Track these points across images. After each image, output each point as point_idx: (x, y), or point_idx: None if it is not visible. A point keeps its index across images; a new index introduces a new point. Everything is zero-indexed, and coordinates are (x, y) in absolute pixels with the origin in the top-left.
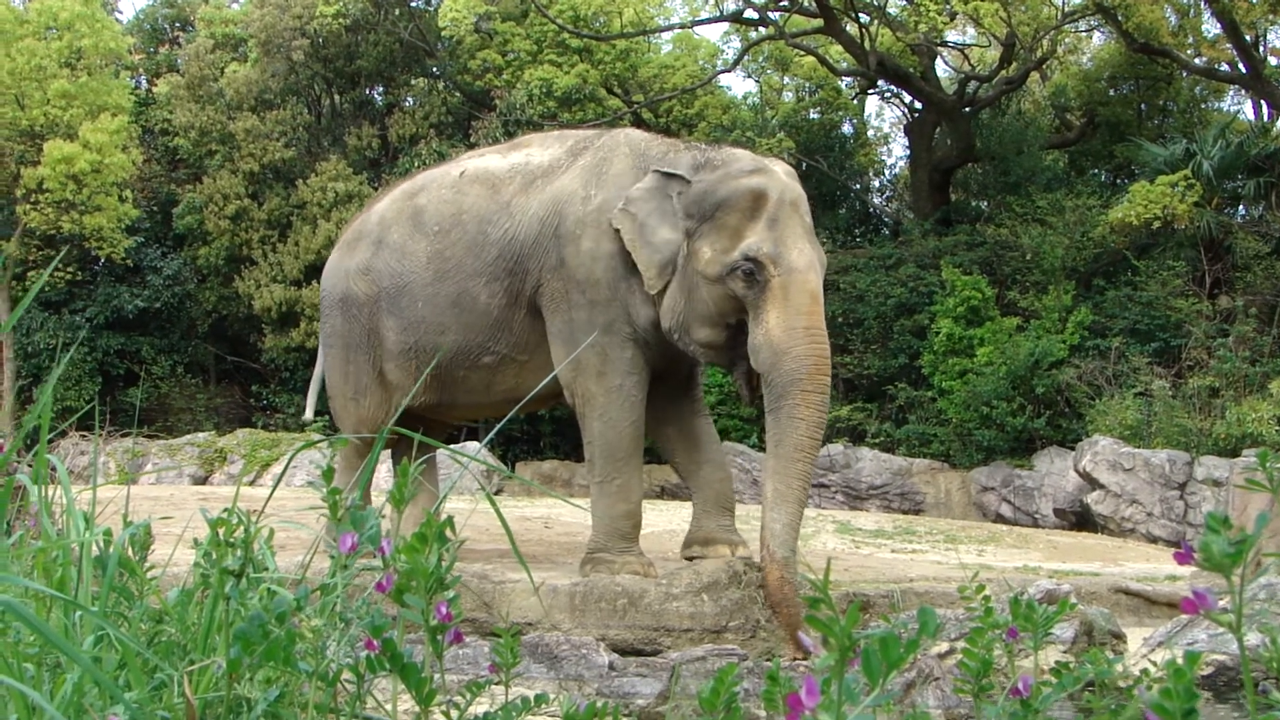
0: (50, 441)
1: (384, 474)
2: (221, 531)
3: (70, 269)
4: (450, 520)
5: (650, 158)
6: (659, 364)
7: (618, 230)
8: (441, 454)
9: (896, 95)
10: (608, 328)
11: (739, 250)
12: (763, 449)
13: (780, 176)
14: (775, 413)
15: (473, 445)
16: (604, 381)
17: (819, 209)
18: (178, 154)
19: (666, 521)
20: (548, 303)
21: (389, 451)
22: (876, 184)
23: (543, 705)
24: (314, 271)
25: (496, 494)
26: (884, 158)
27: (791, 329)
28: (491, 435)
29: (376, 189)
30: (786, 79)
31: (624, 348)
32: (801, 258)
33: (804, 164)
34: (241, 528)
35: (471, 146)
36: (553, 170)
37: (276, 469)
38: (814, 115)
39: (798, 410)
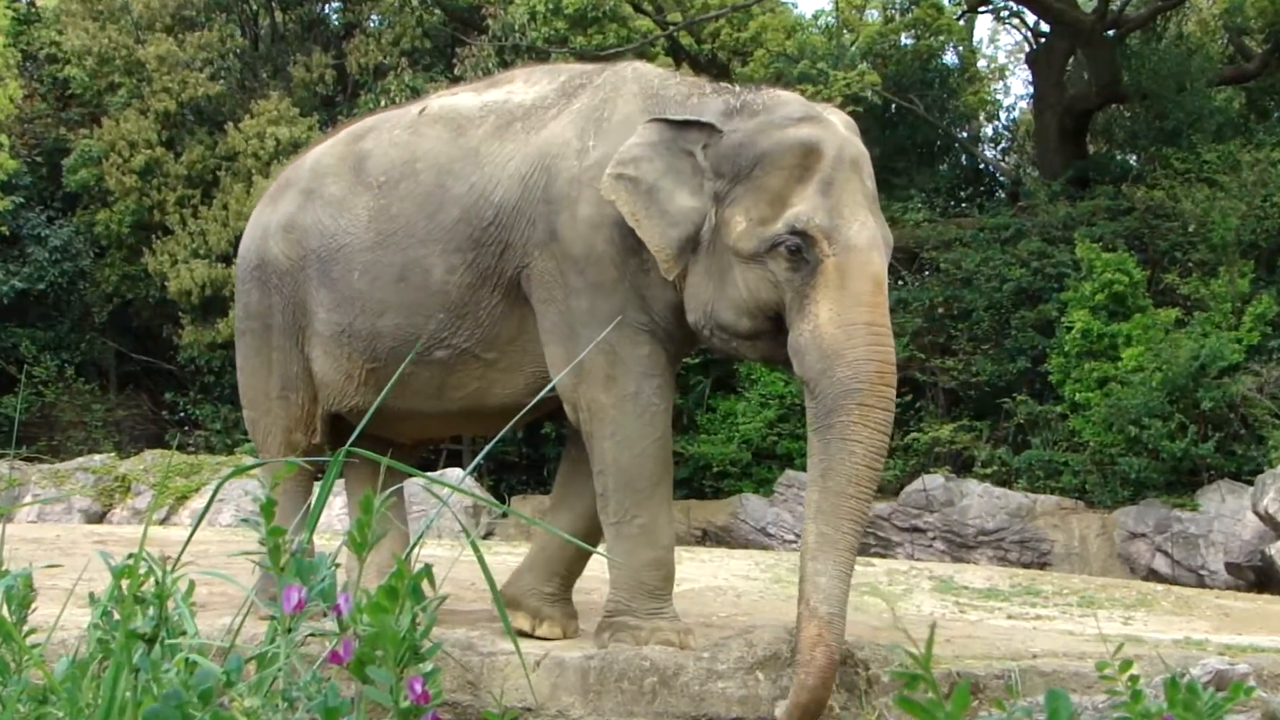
0: None
1: (337, 509)
2: (127, 584)
3: None
4: (428, 570)
5: (666, 100)
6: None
7: (614, 201)
8: (415, 485)
9: (1016, 15)
10: (615, 317)
11: (783, 221)
12: None
13: (838, 128)
14: (823, 433)
15: (454, 473)
16: (614, 389)
17: (912, 163)
18: (69, 88)
19: (710, 574)
20: (537, 289)
21: (329, 481)
22: (989, 131)
23: None
24: None
25: (486, 537)
26: (999, 97)
27: (848, 325)
28: (479, 459)
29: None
30: None
31: (638, 343)
32: (863, 233)
33: (893, 105)
34: (153, 579)
35: (456, 80)
36: (537, 112)
37: (197, 503)
38: (907, 41)
39: (852, 431)
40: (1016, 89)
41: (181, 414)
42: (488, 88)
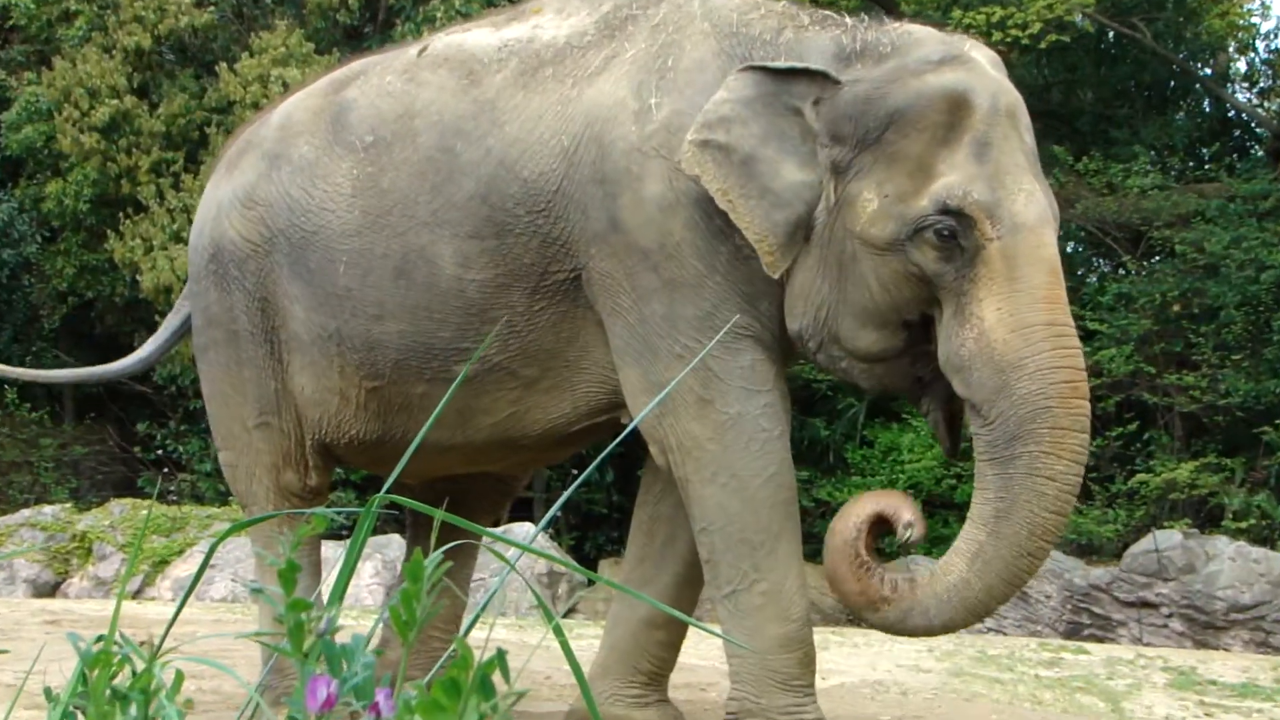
0: None
1: (366, 577)
2: (97, 676)
3: None
4: (500, 657)
5: (750, 40)
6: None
7: (699, 176)
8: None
9: None
10: (705, 323)
11: (930, 196)
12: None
13: (987, 71)
14: (1003, 465)
15: (523, 528)
16: (710, 415)
17: (1137, 111)
18: (9, 18)
19: (866, 664)
20: (601, 298)
21: (359, 538)
22: (1242, 67)
23: None
24: None
25: (568, 614)
26: (1255, 20)
27: (1025, 328)
28: (555, 510)
29: None
30: None
31: (737, 352)
32: (1031, 206)
33: (1110, 34)
34: (130, 670)
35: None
36: (573, 55)
37: (182, 570)
38: None
39: (1043, 464)
40: None
41: (159, 451)
42: (509, 21)
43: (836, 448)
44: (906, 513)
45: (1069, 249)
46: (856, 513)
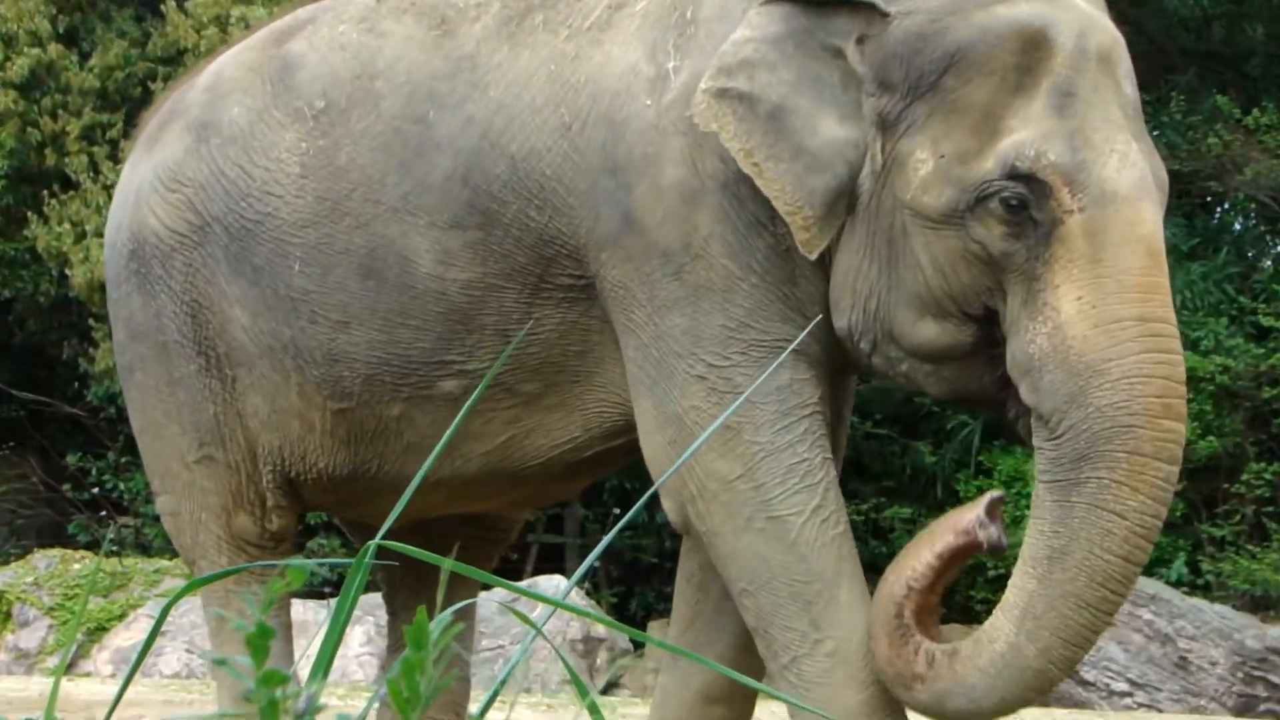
0: None
1: (355, 646)
2: None
3: None
4: None
5: None
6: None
7: (717, 132)
8: (486, 603)
9: None
10: (736, 336)
11: (996, 157)
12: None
13: (1075, 1)
14: (1063, 491)
15: (550, 581)
16: (738, 446)
17: None
18: None
19: None
20: (615, 310)
21: (348, 596)
22: None
23: None
24: None
25: (608, 690)
26: None
27: (1110, 323)
28: (593, 559)
29: None
30: None
31: (774, 371)
32: (1126, 171)
33: None
34: None
35: None
36: (563, 4)
37: (125, 639)
38: None
39: (1113, 494)
40: None
41: (94, 490)
42: None
43: (946, 477)
44: (971, 515)
45: (1237, 226)
46: (913, 561)
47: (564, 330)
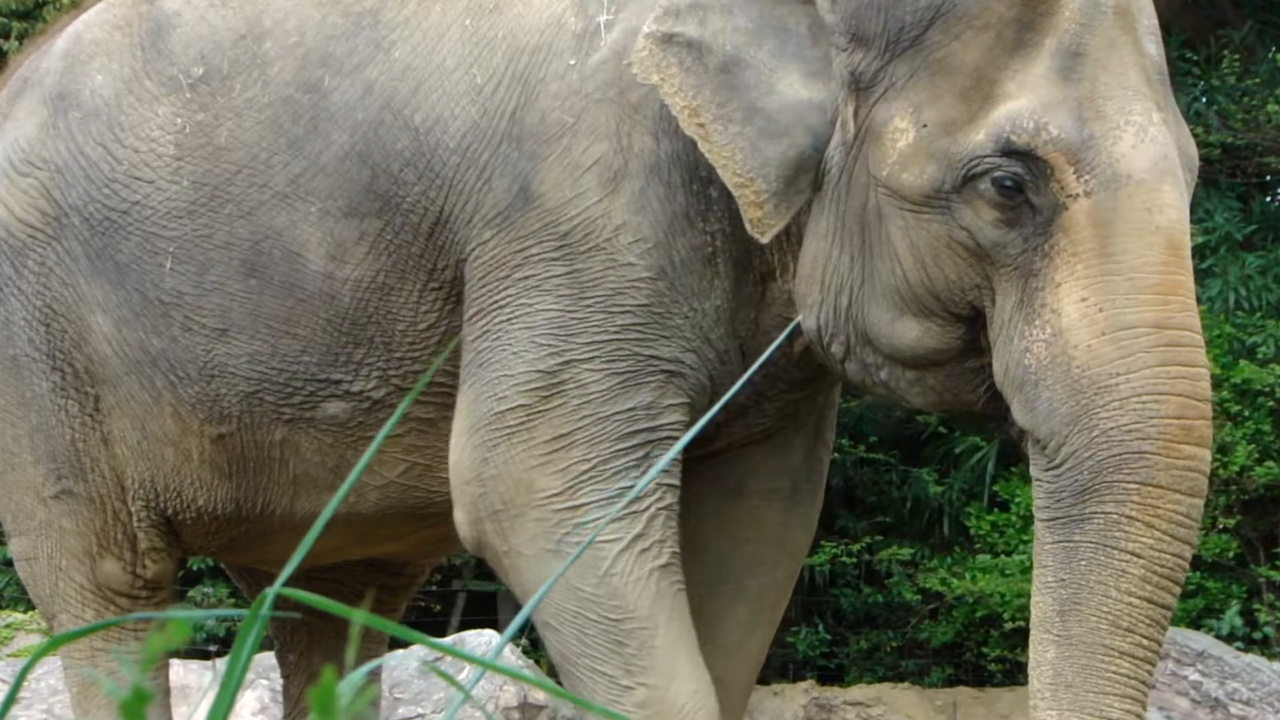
0: None
1: (249, 711)
2: None
3: None
4: None
5: None
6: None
7: (655, 85)
8: (404, 664)
9: None
10: (613, 339)
11: (988, 128)
12: None
13: None
14: (1065, 530)
15: (479, 637)
16: (560, 461)
17: None
18: None
19: None
20: (477, 285)
21: (241, 655)
22: None
23: None
24: None
25: None
26: None
27: (1120, 330)
28: (528, 611)
29: None
30: None
31: (635, 387)
32: (1144, 148)
33: None
34: None
35: None
36: None
37: None
38: None
39: (1123, 534)
40: None
41: None
42: None
43: (954, 511)
44: None
45: None
46: None
47: (451, 339)
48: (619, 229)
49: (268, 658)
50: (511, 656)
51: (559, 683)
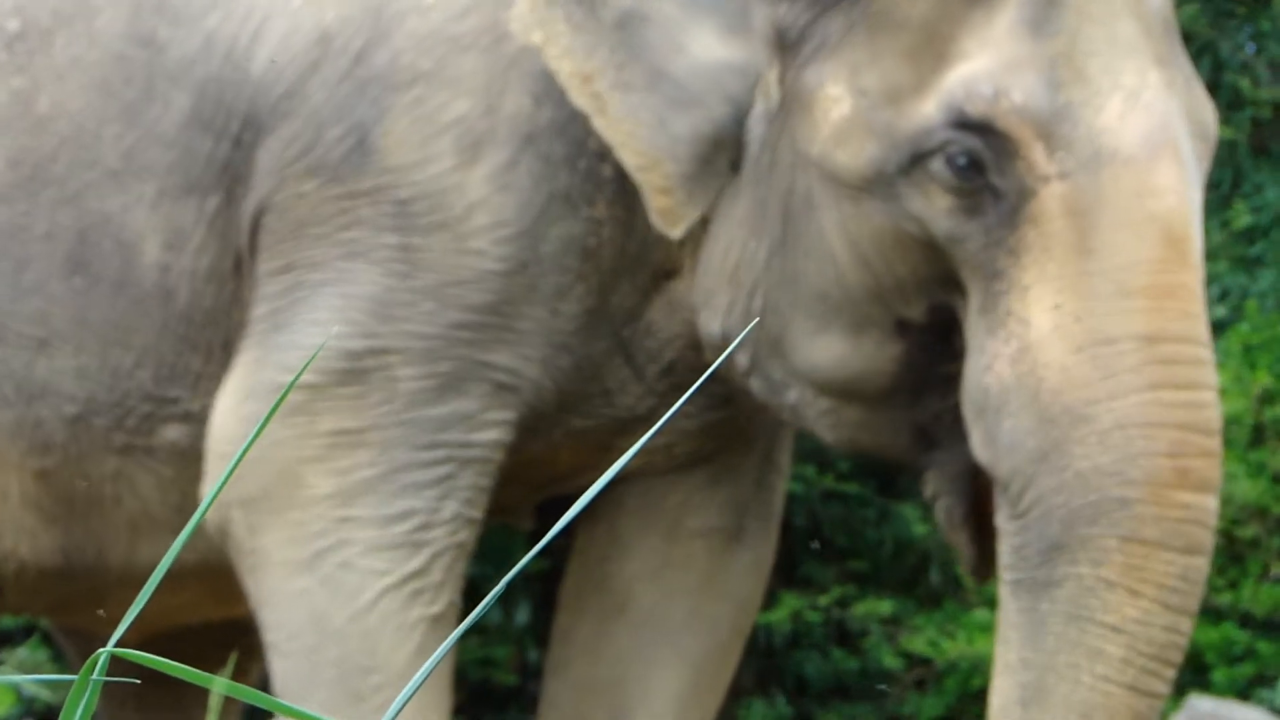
0: None
1: None
2: None
3: None
4: None
5: None
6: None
7: (540, 48)
8: None
9: None
10: (441, 336)
11: (940, 96)
12: None
13: None
14: (1032, 596)
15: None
16: (331, 464)
17: None
18: None
19: None
20: (287, 236)
21: None
22: None
23: None
24: None
25: None
26: None
27: (1103, 345)
28: (420, 680)
29: None
30: None
31: (444, 390)
32: (1136, 118)
33: None
34: None
35: None
36: None
37: None
38: None
39: (1099, 602)
40: None
41: None
42: None
43: (942, 557)
44: None
45: None
46: None
47: None
48: (473, 207)
49: None
50: None
51: None
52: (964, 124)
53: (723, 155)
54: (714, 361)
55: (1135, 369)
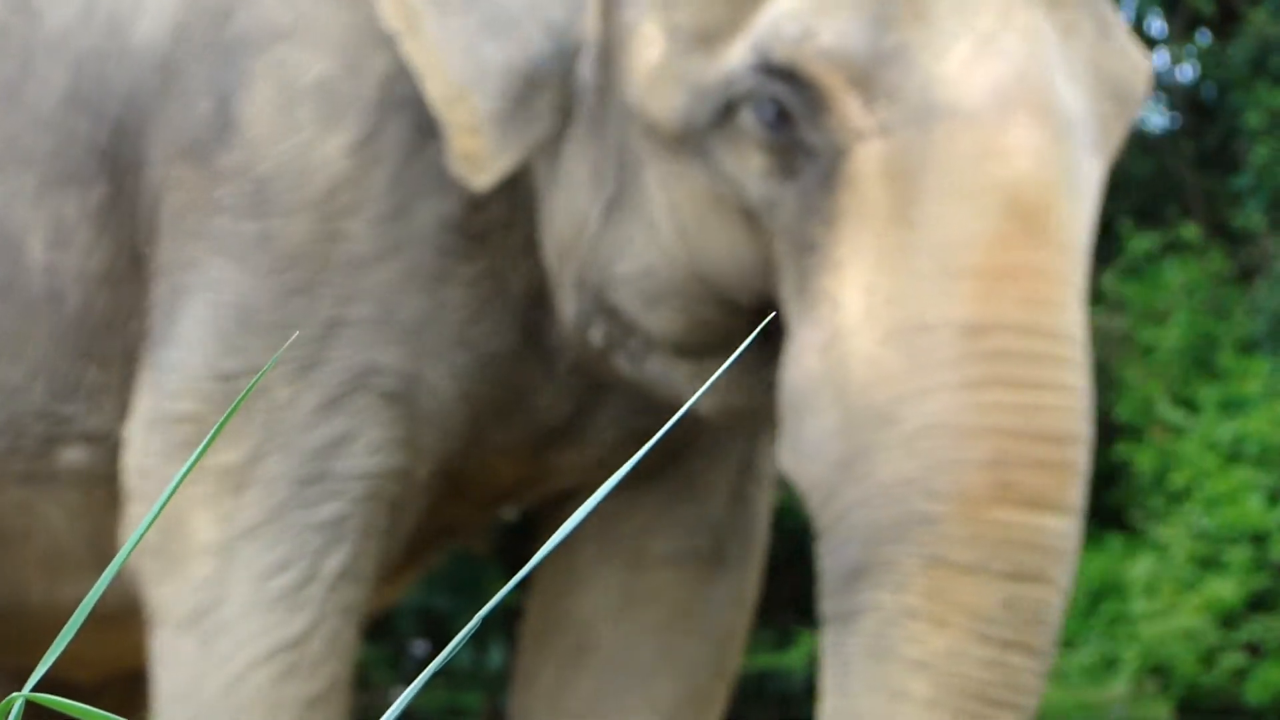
0: None
1: None
2: None
3: None
4: None
5: None
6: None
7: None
8: None
9: None
10: (315, 341)
11: (751, 40)
12: None
13: None
14: (840, 624)
15: None
16: (227, 504)
17: None
18: None
19: None
20: (167, 232)
21: None
22: None
23: None
24: None
25: None
26: None
27: (914, 332)
28: (398, 711)
29: None
30: None
31: (332, 407)
32: (986, 66)
33: None
34: None
35: None
36: None
37: None
38: None
39: (902, 634)
40: None
41: None
42: None
43: None
44: None
45: None
46: None
47: None
48: (339, 183)
49: None
50: None
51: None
52: (770, 69)
53: (542, 97)
54: (586, 346)
55: (951, 362)
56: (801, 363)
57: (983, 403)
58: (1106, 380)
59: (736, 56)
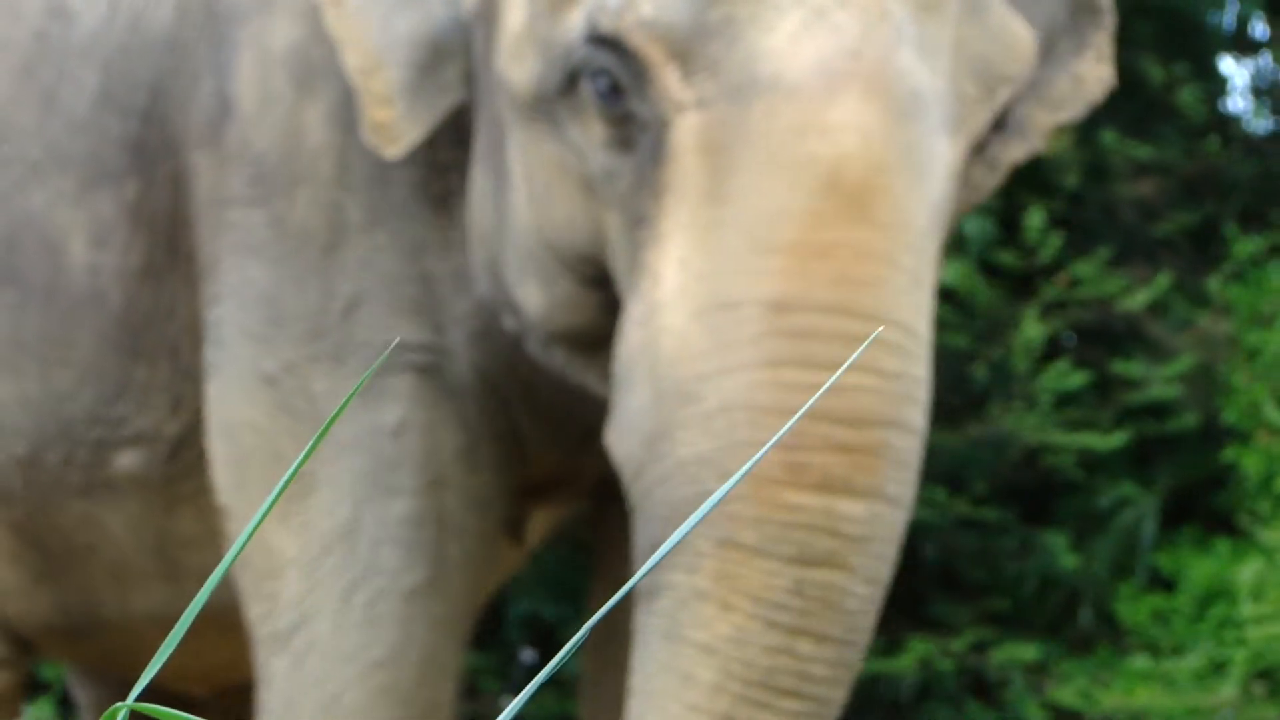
0: None
1: None
2: None
3: None
4: None
5: None
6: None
7: None
8: None
9: None
10: (337, 321)
11: (584, 5)
12: None
13: None
14: (642, 609)
15: None
16: (301, 516)
17: None
18: None
19: None
20: (201, 231)
21: None
22: None
23: None
24: None
25: None
26: None
27: (720, 309)
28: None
29: None
30: None
31: (377, 398)
32: (814, 38)
33: None
34: None
35: None
36: None
37: None
38: None
39: (692, 616)
40: None
41: None
42: None
43: (1097, 593)
44: None
45: None
46: None
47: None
48: (319, 152)
49: None
50: None
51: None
52: (598, 39)
53: (449, 66)
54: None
55: (753, 340)
56: (626, 337)
57: (781, 382)
58: (1213, 384)
59: (574, 24)
